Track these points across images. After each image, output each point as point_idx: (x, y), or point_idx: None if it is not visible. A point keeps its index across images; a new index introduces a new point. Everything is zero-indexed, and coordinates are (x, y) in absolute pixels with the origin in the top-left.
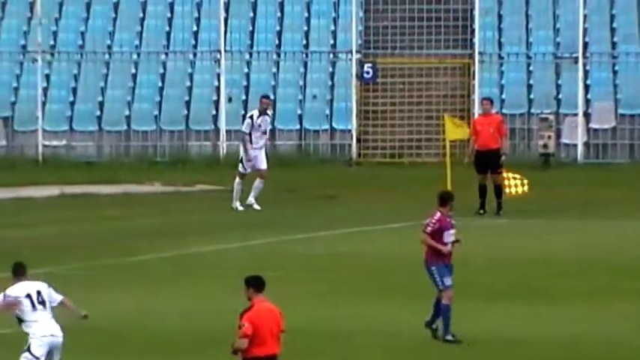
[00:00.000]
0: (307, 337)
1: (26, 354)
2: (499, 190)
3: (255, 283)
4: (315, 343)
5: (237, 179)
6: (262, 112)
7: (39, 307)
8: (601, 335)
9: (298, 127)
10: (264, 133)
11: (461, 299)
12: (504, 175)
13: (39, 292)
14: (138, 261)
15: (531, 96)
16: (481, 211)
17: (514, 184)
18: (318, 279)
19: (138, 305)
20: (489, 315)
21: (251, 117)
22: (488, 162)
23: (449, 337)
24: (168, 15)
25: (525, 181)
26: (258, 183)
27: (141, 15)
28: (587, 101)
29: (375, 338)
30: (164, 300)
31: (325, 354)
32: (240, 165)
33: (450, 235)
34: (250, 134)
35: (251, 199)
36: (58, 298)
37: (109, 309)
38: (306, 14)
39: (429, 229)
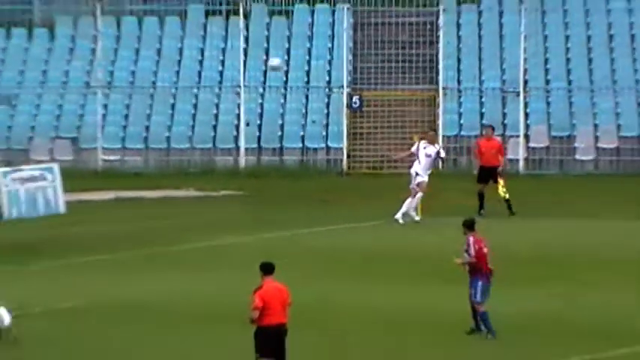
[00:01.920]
0: (312, 311)
1: None
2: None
3: (265, 268)
4: (318, 316)
5: (420, 194)
6: (429, 142)
7: None
8: (537, 310)
9: (301, 145)
10: (429, 156)
11: (436, 281)
12: (502, 183)
13: None
14: (176, 250)
15: (483, 121)
16: (482, 212)
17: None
18: (319, 263)
19: (178, 285)
20: (461, 297)
21: (418, 141)
22: (490, 175)
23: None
24: (200, 57)
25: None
26: (413, 196)
27: (178, 57)
28: (527, 126)
29: (373, 314)
30: (197, 281)
31: (326, 325)
32: (417, 180)
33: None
34: (418, 157)
35: (413, 214)
36: None
37: (155, 288)
38: (307, 57)
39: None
